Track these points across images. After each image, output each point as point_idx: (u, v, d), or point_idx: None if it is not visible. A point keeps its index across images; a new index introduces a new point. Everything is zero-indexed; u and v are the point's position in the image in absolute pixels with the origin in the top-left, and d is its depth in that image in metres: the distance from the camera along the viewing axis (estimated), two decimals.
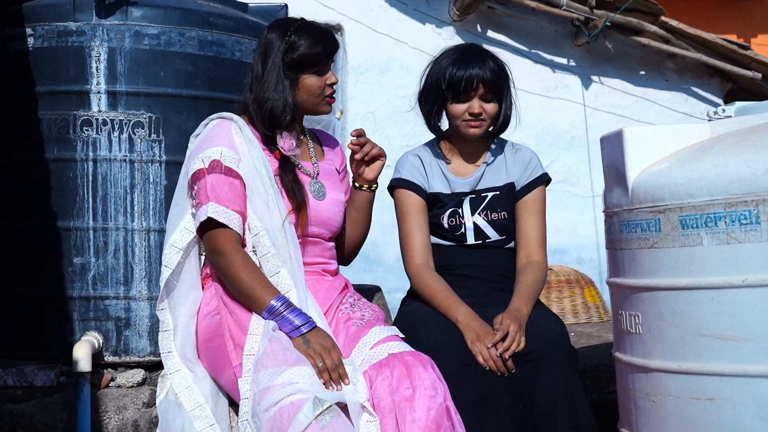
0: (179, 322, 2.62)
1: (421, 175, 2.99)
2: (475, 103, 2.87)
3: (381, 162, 2.86)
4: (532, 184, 2.99)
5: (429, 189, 2.98)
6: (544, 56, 6.76)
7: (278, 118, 2.66)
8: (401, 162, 3.04)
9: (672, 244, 2.52)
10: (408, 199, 2.97)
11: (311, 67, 2.69)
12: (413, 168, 3.00)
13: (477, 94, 2.87)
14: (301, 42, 2.68)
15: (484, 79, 2.84)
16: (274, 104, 2.66)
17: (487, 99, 2.88)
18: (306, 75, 2.70)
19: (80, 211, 3.11)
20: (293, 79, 2.69)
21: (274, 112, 2.66)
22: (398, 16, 6.52)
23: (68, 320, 3.09)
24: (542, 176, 3.01)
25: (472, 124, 2.89)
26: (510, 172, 3.01)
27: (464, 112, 2.88)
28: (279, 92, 2.66)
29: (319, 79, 2.71)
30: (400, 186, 2.99)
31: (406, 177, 2.99)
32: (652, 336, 2.60)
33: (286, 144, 2.68)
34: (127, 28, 3.14)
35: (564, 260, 6.56)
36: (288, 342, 2.39)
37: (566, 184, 6.74)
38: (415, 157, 3.03)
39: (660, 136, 2.69)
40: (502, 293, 2.87)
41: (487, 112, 2.88)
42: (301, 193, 2.66)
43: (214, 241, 2.56)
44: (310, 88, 2.71)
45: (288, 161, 2.69)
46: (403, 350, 2.46)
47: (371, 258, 6.09)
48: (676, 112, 6.95)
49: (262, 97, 2.67)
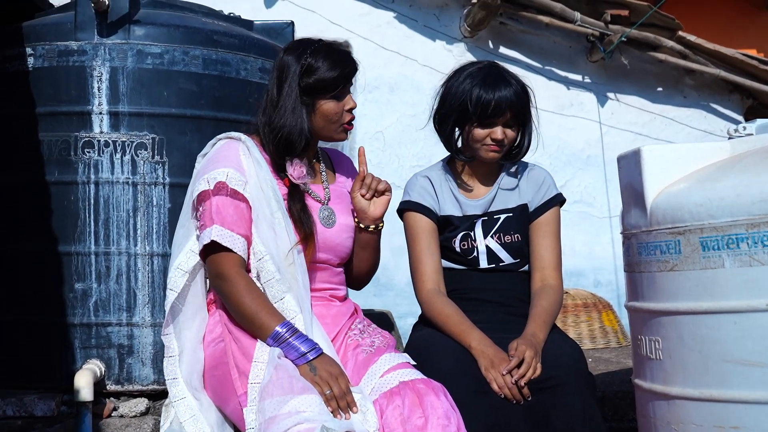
0: (185, 347, 2.61)
1: (431, 197, 2.98)
2: (498, 129, 2.87)
3: (387, 198, 2.82)
4: (546, 205, 2.99)
5: (440, 212, 2.97)
6: (558, 73, 6.76)
7: (293, 144, 2.65)
8: (410, 184, 3.03)
9: (693, 266, 2.50)
10: (418, 222, 2.96)
11: (328, 92, 2.67)
12: (423, 190, 2.99)
13: (503, 120, 2.87)
14: (318, 65, 2.66)
15: (512, 104, 2.84)
16: (289, 131, 2.64)
17: (510, 125, 2.88)
18: (323, 100, 2.68)
19: (81, 235, 3.11)
20: (309, 105, 2.67)
21: (289, 138, 2.64)
22: (408, 33, 6.53)
23: (69, 348, 3.09)
24: (556, 197, 3.00)
25: (492, 148, 2.89)
26: (523, 193, 3.00)
27: (486, 137, 2.88)
28: (295, 119, 2.64)
29: (337, 105, 2.70)
30: (409, 209, 2.98)
31: (415, 199, 2.98)
32: (673, 362, 2.58)
33: (296, 172, 2.67)
34: (129, 47, 3.16)
35: (580, 283, 6.53)
36: (294, 369, 2.38)
37: (582, 204, 6.72)
38: (425, 178, 3.02)
39: (679, 154, 2.68)
40: (517, 318, 2.86)
41: (508, 138, 2.89)
42: (309, 223, 2.64)
43: (217, 265, 2.55)
44: (327, 114, 2.69)
45: (297, 189, 2.68)
46: (414, 378, 2.45)
47: (381, 282, 6.08)
48: (695, 129, 6.93)
49: (277, 123, 2.65)
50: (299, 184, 2.67)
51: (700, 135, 6.89)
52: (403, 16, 6.50)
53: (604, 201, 6.80)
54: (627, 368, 4.25)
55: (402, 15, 6.50)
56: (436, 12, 6.53)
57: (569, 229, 6.50)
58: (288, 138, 2.64)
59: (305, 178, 2.69)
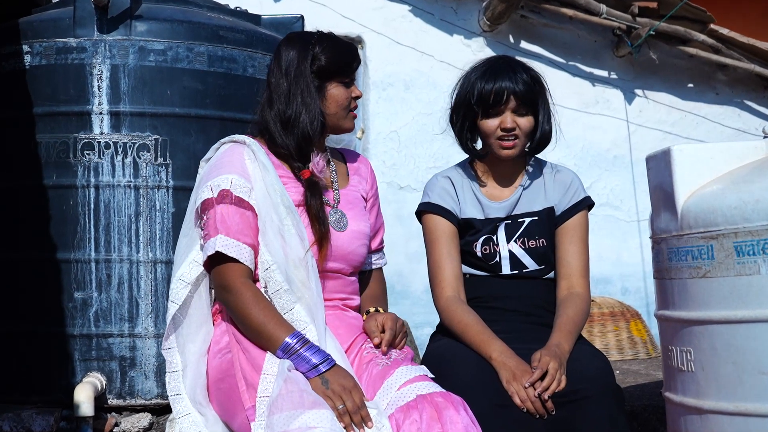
0: (189, 361, 2.61)
1: (452, 199, 2.98)
2: (507, 117, 2.86)
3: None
4: (573, 209, 2.98)
5: (461, 214, 2.97)
6: (583, 69, 6.76)
7: (310, 133, 2.67)
8: (431, 185, 3.03)
9: (726, 272, 2.49)
10: (438, 225, 2.96)
11: (339, 75, 2.71)
12: (444, 191, 2.99)
13: (508, 107, 2.86)
14: (327, 50, 2.71)
15: (515, 91, 2.84)
16: (306, 118, 2.66)
17: (521, 113, 2.87)
18: (333, 84, 2.72)
19: (81, 241, 3.12)
20: (320, 88, 2.70)
21: (307, 127, 2.66)
22: (424, 27, 6.53)
23: (69, 360, 3.10)
24: (584, 200, 2.99)
25: (504, 144, 2.88)
26: (549, 195, 2.99)
27: (496, 129, 2.87)
28: (309, 104, 2.67)
29: (346, 91, 2.74)
30: (429, 211, 2.98)
31: (435, 201, 2.98)
32: (706, 374, 2.57)
33: (319, 164, 2.69)
34: (131, 43, 3.17)
35: (607, 291, 6.51)
36: (305, 383, 2.37)
37: (609, 207, 6.71)
38: (446, 179, 3.02)
39: (711, 154, 2.67)
40: (541, 328, 2.85)
41: (521, 127, 2.87)
42: (326, 222, 2.65)
43: (223, 277, 2.55)
44: (337, 99, 2.72)
45: (317, 185, 2.69)
46: (432, 391, 2.44)
47: (397, 290, 6.08)
48: (728, 128, 6.91)
49: (291, 112, 2.67)
50: (319, 178, 2.68)
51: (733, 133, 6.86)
52: (418, 9, 6.51)
53: (632, 204, 6.79)
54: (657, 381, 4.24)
55: (417, 8, 6.50)
56: (453, 5, 6.53)
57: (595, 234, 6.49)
58: (306, 126, 2.66)
59: (324, 172, 2.71)
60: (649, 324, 5.66)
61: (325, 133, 2.77)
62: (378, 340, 2.62)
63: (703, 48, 6.63)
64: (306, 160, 2.70)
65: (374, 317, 2.70)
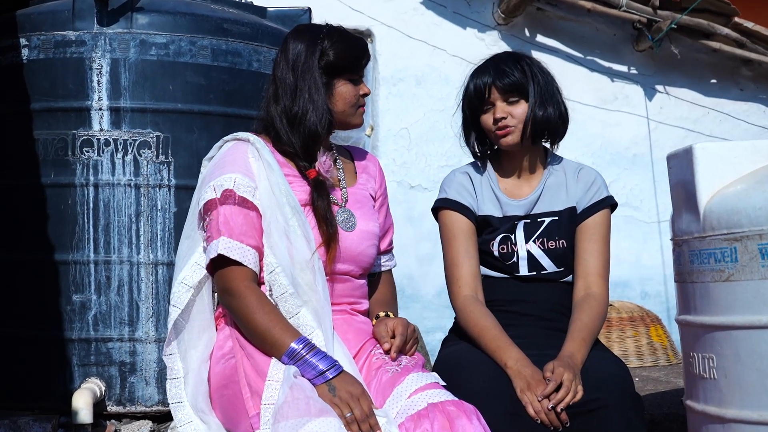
0: (190, 368, 2.61)
1: (470, 195, 2.98)
2: (498, 107, 2.91)
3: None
4: (594, 207, 2.97)
5: (478, 211, 2.97)
6: (602, 63, 6.75)
7: (317, 130, 2.66)
8: (448, 180, 3.04)
9: (751, 276, 2.48)
10: (455, 222, 2.96)
11: (348, 72, 2.71)
12: (461, 187, 2.99)
13: (496, 98, 2.91)
14: (336, 45, 2.70)
15: (494, 83, 2.90)
16: (313, 115, 2.66)
17: (511, 101, 2.90)
18: (342, 81, 2.71)
19: (80, 242, 3.13)
20: (328, 85, 2.70)
21: (314, 123, 2.66)
22: (436, 20, 6.53)
23: (66, 365, 3.10)
24: (607, 199, 2.99)
25: (500, 132, 2.90)
26: (571, 194, 2.99)
27: (492, 121, 2.91)
28: (317, 100, 2.67)
29: (354, 88, 2.74)
30: (446, 207, 2.98)
31: (453, 197, 2.98)
32: (729, 382, 2.56)
33: (325, 163, 2.69)
34: (132, 36, 3.17)
35: (626, 295, 6.51)
36: (311, 389, 2.37)
37: (628, 208, 6.70)
38: (464, 174, 3.02)
39: (735, 153, 2.67)
40: (559, 333, 2.85)
41: (515, 115, 2.90)
42: (334, 222, 2.65)
43: (226, 280, 2.55)
44: (345, 96, 2.72)
45: (323, 185, 2.69)
46: (444, 399, 2.44)
47: (407, 293, 6.08)
48: (752, 125, 6.90)
49: (298, 108, 2.67)
50: (326, 178, 2.68)
51: (758, 131, 6.85)
52: (430, 1, 6.51)
53: (652, 204, 6.78)
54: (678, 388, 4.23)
55: (429, 0, 6.50)
56: None
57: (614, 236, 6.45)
58: (313, 124, 2.66)
59: (331, 172, 2.70)
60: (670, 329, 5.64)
61: (332, 131, 2.76)
62: (388, 346, 2.62)
63: (726, 42, 6.62)
64: (312, 159, 2.70)
65: (384, 322, 2.70)
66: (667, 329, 5.64)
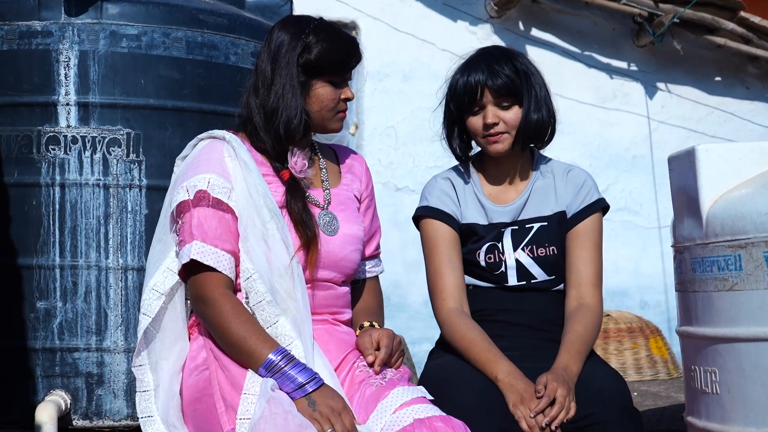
0: (161, 380, 2.60)
1: (452, 202, 2.98)
2: (489, 111, 2.88)
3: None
4: (585, 211, 2.97)
5: (462, 219, 2.97)
6: (600, 59, 6.76)
7: (292, 129, 2.65)
8: (429, 187, 3.03)
9: (756, 285, 2.49)
10: (437, 231, 2.96)
11: (328, 73, 2.69)
12: (443, 194, 2.99)
13: (487, 101, 2.88)
14: (320, 43, 2.67)
15: (489, 84, 2.87)
16: (287, 112, 2.65)
17: (504, 106, 2.88)
18: (320, 83, 2.69)
19: (45, 245, 3.12)
20: (305, 84, 2.68)
21: (288, 121, 2.64)
22: (425, 12, 6.54)
23: (30, 377, 3.09)
24: (598, 202, 2.99)
25: (491, 139, 2.89)
26: (560, 197, 2.98)
27: (481, 126, 2.90)
28: (292, 98, 2.65)
29: (335, 91, 2.71)
30: (427, 216, 2.98)
31: (434, 205, 2.98)
32: (732, 397, 2.57)
33: (297, 163, 2.68)
34: (101, 27, 3.17)
35: (625, 304, 6.52)
36: (290, 404, 2.37)
37: (627, 212, 6.72)
38: (446, 180, 3.02)
39: (740, 155, 2.68)
40: (551, 344, 2.85)
41: (507, 121, 2.88)
42: (312, 226, 2.64)
43: (199, 287, 2.55)
44: (322, 99, 2.70)
45: (298, 185, 2.68)
46: (432, 415, 2.44)
47: (393, 302, 6.08)
48: (758, 126, 6.93)
49: (273, 104, 2.66)
50: (300, 178, 2.67)
51: (764, 132, 6.88)
52: None
53: (653, 209, 6.80)
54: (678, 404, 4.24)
55: None
56: None
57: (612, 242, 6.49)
58: (287, 121, 2.64)
59: (306, 172, 2.69)
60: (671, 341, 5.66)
61: (309, 132, 2.75)
62: (372, 359, 2.62)
63: (732, 38, 6.64)
64: (284, 159, 2.69)
65: (368, 333, 2.69)
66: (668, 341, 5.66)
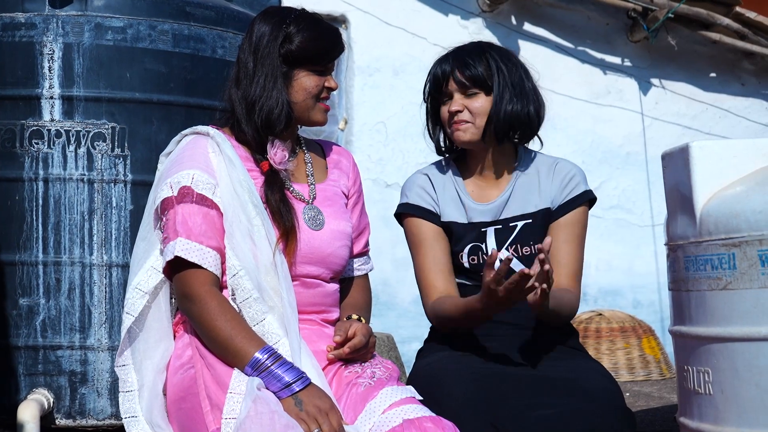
0: (145, 380, 2.60)
1: (431, 197, 2.97)
2: (455, 100, 2.91)
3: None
4: (570, 203, 2.95)
5: (442, 217, 2.96)
6: (593, 55, 6.77)
7: (273, 120, 2.65)
8: (408, 184, 3.03)
9: (750, 284, 2.50)
10: (419, 228, 2.96)
11: (310, 63, 2.69)
12: (421, 190, 2.99)
13: (453, 89, 2.91)
14: (301, 33, 2.68)
15: (453, 74, 2.90)
16: (268, 103, 2.65)
17: (469, 94, 2.89)
18: (303, 72, 2.70)
19: (28, 241, 3.11)
20: (287, 75, 2.68)
21: (269, 112, 2.65)
22: (415, 6, 6.54)
23: (12, 375, 3.09)
24: (584, 194, 2.97)
25: (455, 126, 2.90)
26: (544, 193, 2.96)
27: (447, 114, 2.91)
28: (273, 89, 2.66)
29: (318, 79, 2.71)
30: (409, 213, 2.98)
31: (414, 202, 2.98)
32: (726, 397, 2.57)
33: (277, 155, 2.67)
34: (86, 19, 3.16)
35: (617, 304, 6.52)
36: (276, 403, 2.37)
37: (620, 210, 6.72)
38: (424, 176, 3.02)
39: (735, 152, 2.68)
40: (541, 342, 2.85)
41: (472, 109, 2.88)
42: (290, 216, 2.63)
43: (185, 285, 2.54)
44: (305, 87, 2.70)
45: (276, 177, 2.68)
46: (421, 415, 2.44)
47: (381, 300, 6.08)
48: (754, 123, 6.94)
49: (255, 95, 2.66)
50: (279, 169, 2.67)
51: (760, 129, 6.89)
52: None
53: (646, 206, 6.81)
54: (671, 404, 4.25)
55: None
56: None
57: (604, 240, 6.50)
58: (269, 111, 2.65)
59: (287, 164, 2.69)
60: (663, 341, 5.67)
61: (292, 125, 2.75)
62: (339, 339, 2.60)
63: (727, 33, 6.65)
64: (265, 150, 2.69)
65: (350, 321, 2.69)
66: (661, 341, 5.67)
